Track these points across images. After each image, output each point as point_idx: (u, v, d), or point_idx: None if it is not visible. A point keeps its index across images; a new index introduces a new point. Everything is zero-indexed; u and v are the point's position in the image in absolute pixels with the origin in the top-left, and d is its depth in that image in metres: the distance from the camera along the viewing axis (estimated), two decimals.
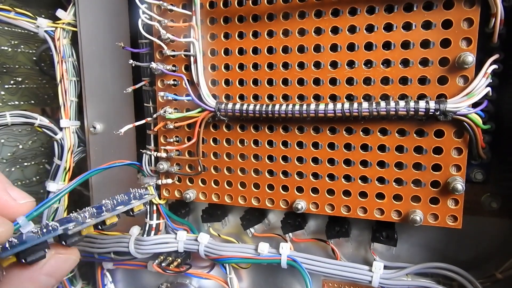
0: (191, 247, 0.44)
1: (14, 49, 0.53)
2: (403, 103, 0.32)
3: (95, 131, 0.48)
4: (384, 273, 0.38)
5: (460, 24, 0.31)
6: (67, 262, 0.31)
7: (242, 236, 0.47)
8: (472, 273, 0.36)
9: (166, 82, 0.40)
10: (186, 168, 0.42)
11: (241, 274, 0.49)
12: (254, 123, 0.38)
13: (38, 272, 0.29)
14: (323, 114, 0.34)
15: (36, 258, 0.28)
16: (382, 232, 0.39)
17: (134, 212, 0.33)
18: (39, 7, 0.54)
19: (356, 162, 0.36)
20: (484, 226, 0.38)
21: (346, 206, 0.37)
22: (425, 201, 0.34)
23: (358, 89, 0.34)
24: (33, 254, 0.28)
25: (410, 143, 0.34)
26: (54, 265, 0.30)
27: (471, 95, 0.31)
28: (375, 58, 0.33)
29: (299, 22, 0.35)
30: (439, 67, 0.32)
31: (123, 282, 0.54)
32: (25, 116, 0.46)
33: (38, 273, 0.29)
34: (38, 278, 0.29)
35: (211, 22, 0.38)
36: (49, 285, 0.30)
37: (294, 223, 0.42)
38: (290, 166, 0.38)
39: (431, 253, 0.41)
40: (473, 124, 0.32)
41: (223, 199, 0.41)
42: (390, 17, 0.33)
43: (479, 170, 0.36)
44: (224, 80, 0.39)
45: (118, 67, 0.46)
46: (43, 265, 0.29)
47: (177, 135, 0.41)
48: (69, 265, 0.32)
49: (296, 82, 0.36)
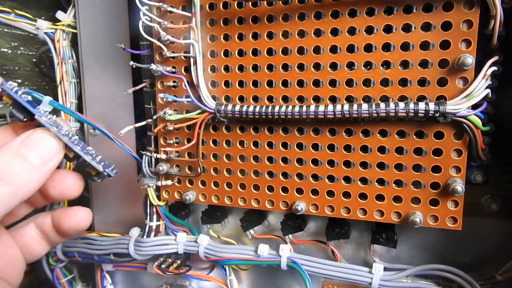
0: (191, 248, 0.44)
1: (14, 51, 0.53)
2: (403, 105, 0.32)
3: (95, 133, 0.48)
4: (384, 275, 0.38)
5: (459, 26, 0.31)
6: (44, 137, 0.32)
7: (242, 237, 0.47)
8: (472, 274, 0.36)
9: (166, 84, 0.40)
10: (186, 169, 0.42)
11: (241, 276, 0.48)
12: (254, 125, 0.38)
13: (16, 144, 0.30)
14: (323, 115, 0.34)
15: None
16: (382, 233, 0.39)
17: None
18: (39, 9, 0.54)
19: (356, 163, 0.36)
20: (484, 227, 0.38)
21: (346, 207, 0.37)
22: (425, 202, 0.34)
23: (358, 91, 0.34)
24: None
25: (409, 145, 0.34)
26: (32, 138, 0.31)
27: (471, 97, 0.31)
28: (374, 60, 0.33)
29: (299, 23, 0.35)
30: (439, 69, 0.32)
31: (122, 283, 0.54)
32: None
33: (16, 145, 0.30)
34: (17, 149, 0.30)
35: (211, 23, 0.38)
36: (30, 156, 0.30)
37: (294, 224, 0.42)
38: (289, 168, 0.38)
39: (431, 254, 0.41)
40: (473, 126, 0.32)
41: (223, 200, 0.41)
42: (389, 19, 0.33)
43: (478, 171, 0.36)
44: (224, 81, 0.39)
45: (118, 68, 0.46)
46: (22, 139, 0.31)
47: (177, 137, 0.41)
48: (48, 141, 0.32)
49: (295, 83, 0.36)
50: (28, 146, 0.31)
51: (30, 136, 0.31)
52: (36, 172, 0.30)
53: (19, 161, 0.30)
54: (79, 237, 0.48)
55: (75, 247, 0.48)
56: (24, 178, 0.29)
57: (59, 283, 0.51)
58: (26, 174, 0.30)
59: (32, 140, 0.31)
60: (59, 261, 0.50)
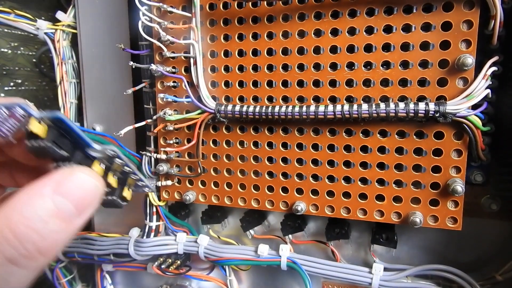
0: (190, 249, 0.44)
1: (14, 51, 0.53)
2: (403, 105, 0.32)
3: None
4: (384, 275, 0.38)
5: (459, 26, 0.31)
6: (87, 184, 0.23)
7: (242, 238, 0.47)
8: (472, 275, 0.36)
9: (166, 84, 0.40)
10: (185, 169, 0.42)
11: (241, 276, 0.48)
12: (254, 125, 0.38)
13: (50, 190, 0.22)
14: (323, 115, 0.34)
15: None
16: (382, 234, 0.39)
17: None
18: (39, 9, 0.54)
19: (356, 163, 0.36)
20: (484, 228, 0.38)
21: (346, 207, 0.37)
22: (425, 203, 0.34)
23: (358, 91, 0.34)
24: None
25: (409, 145, 0.34)
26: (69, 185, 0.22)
27: (471, 97, 0.31)
28: (374, 60, 0.33)
29: (299, 24, 0.35)
30: (439, 69, 0.32)
31: (122, 284, 0.54)
32: None
33: (50, 191, 0.21)
34: (52, 197, 0.22)
35: (211, 24, 0.38)
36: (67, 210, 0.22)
37: (294, 224, 0.42)
38: (289, 168, 0.38)
39: (431, 255, 0.41)
40: (473, 126, 0.32)
41: (223, 200, 0.41)
42: (389, 19, 0.33)
43: (478, 172, 0.36)
44: (224, 81, 0.39)
45: (118, 68, 0.46)
46: (55, 183, 0.22)
47: (177, 137, 0.41)
48: (89, 189, 0.23)
49: (296, 83, 0.36)
50: (64, 195, 0.22)
51: (69, 180, 0.23)
52: (69, 230, 0.23)
53: (54, 222, 0.22)
54: (79, 237, 0.48)
55: (75, 247, 0.48)
56: (59, 243, 0.22)
57: (59, 283, 0.51)
58: (61, 238, 0.22)
59: (70, 186, 0.23)
60: (59, 261, 0.50)
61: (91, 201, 0.24)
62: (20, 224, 0.20)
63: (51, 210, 0.21)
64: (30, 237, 0.21)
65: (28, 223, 0.20)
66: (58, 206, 0.22)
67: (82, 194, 0.23)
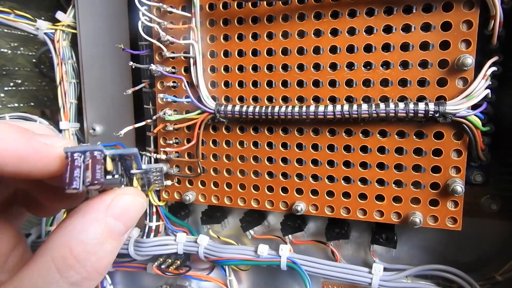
0: (190, 249, 0.44)
1: (13, 51, 0.53)
2: (403, 105, 0.32)
3: (94, 133, 0.48)
4: (384, 275, 0.38)
5: (459, 26, 0.31)
6: (134, 204, 0.25)
7: (242, 238, 0.47)
8: (472, 275, 0.36)
9: (165, 84, 0.40)
10: (185, 170, 0.42)
11: (241, 276, 0.48)
12: (254, 125, 0.38)
13: (103, 214, 0.23)
14: (323, 116, 0.34)
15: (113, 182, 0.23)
16: (381, 234, 0.39)
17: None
18: (39, 9, 0.54)
19: (356, 164, 0.36)
20: (484, 228, 0.38)
21: (346, 208, 0.37)
22: (424, 203, 0.34)
23: (358, 91, 0.34)
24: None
25: (409, 145, 0.34)
26: (122, 207, 0.24)
27: (471, 97, 0.31)
28: (374, 60, 0.33)
29: (299, 24, 0.35)
30: (439, 69, 0.32)
31: (122, 284, 0.54)
32: (25, 118, 0.46)
33: (103, 215, 0.24)
34: (105, 220, 0.23)
35: (211, 24, 0.38)
36: (117, 229, 0.24)
37: (293, 225, 0.42)
38: (289, 168, 0.38)
39: (431, 255, 0.41)
40: (473, 126, 0.32)
41: (223, 201, 0.41)
42: (389, 19, 0.33)
43: (478, 172, 0.36)
44: (224, 82, 0.39)
45: (118, 69, 0.46)
46: (108, 206, 0.24)
47: (177, 137, 0.41)
48: (137, 207, 0.25)
49: (295, 84, 0.36)
50: (116, 217, 0.24)
51: (118, 202, 0.25)
52: (119, 247, 0.25)
53: (107, 239, 0.24)
54: None
55: None
56: (111, 262, 0.24)
57: None
58: (114, 257, 0.24)
59: (121, 207, 0.25)
60: None
61: (137, 218, 0.26)
62: (80, 250, 0.22)
63: (105, 233, 0.23)
64: (89, 260, 0.22)
65: (88, 248, 0.22)
66: (111, 228, 0.23)
67: (131, 214, 0.25)
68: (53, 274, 0.21)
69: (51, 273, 0.21)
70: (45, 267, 0.21)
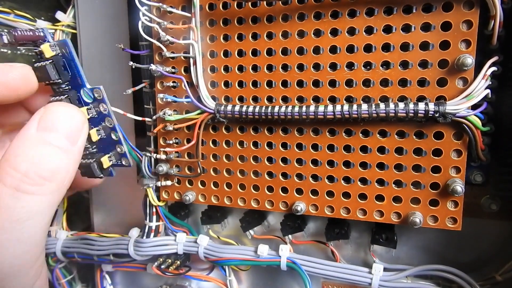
0: (190, 249, 0.44)
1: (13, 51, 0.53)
2: (403, 105, 0.32)
3: None
4: (384, 275, 0.38)
5: (459, 26, 0.31)
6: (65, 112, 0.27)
7: (242, 238, 0.47)
8: (472, 275, 0.36)
9: (165, 84, 0.40)
10: (185, 170, 0.42)
11: (241, 276, 0.48)
12: (254, 125, 0.38)
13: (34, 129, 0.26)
14: (323, 116, 0.34)
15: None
16: (381, 234, 0.39)
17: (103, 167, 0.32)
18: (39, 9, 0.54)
19: (356, 164, 0.36)
20: (484, 228, 0.38)
21: (346, 208, 0.37)
22: (424, 203, 0.34)
23: (358, 91, 0.34)
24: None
25: (409, 145, 0.34)
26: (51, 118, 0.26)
27: (471, 97, 0.31)
28: (374, 60, 0.33)
29: (299, 24, 0.35)
30: (439, 69, 0.32)
31: (122, 284, 0.54)
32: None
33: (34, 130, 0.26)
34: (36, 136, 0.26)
35: (211, 24, 0.38)
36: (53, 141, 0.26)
37: (293, 225, 0.42)
38: (289, 168, 0.38)
39: (431, 255, 0.41)
40: (473, 126, 0.32)
41: (223, 201, 0.41)
42: (389, 19, 0.33)
43: (478, 172, 0.36)
44: (224, 82, 0.39)
45: (118, 69, 0.46)
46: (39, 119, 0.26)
47: (177, 137, 0.41)
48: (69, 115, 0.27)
49: (295, 84, 0.36)
50: (48, 130, 0.26)
51: (46, 115, 0.26)
52: (68, 157, 0.26)
53: (45, 150, 0.25)
54: (79, 238, 0.48)
55: (75, 248, 0.48)
56: (60, 168, 0.25)
57: (58, 284, 0.50)
58: (60, 163, 0.25)
59: (50, 119, 0.26)
60: (58, 262, 0.50)
61: (77, 127, 0.27)
62: (17, 160, 0.24)
63: (40, 144, 0.25)
64: (28, 167, 0.24)
65: (24, 158, 0.24)
66: (45, 140, 0.25)
67: (65, 122, 0.27)
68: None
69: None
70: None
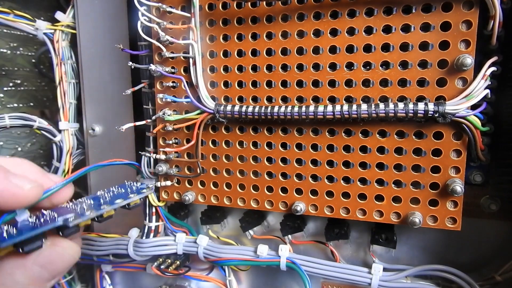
0: (190, 249, 0.44)
1: (13, 51, 0.53)
2: (402, 105, 0.32)
3: (94, 133, 0.48)
4: (384, 275, 0.38)
5: (458, 26, 0.31)
6: (63, 256, 0.29)
7: (241, 238, 0.47)
8: (471, 275, 0.36)
9: (165, 84, 0.40)
10: (185, 170, 0.42)
11: (240, 276, 0.48)
12: (253, 125, 0.38)
13: (31, 262, 0.28)
14: (322, 116, 0.34)
15: (33, 247, 0.27)
16: (381, 234, 0.39)
17: (131, 206, 0.33)
18: (38, 9, 0.54)
19: (355, 164, 0.36)
20: (484, 228, 0.38)
21: (345, 208, 0.37)
22: (424, 203, 0.34)
23: (357, 91, 0.34)
24: (30, 244, 0.27)
25: (409, 145, 0.34)
26: (49, 257, 0.29)
27: (470, 97, 0.31)
28: (374, 60, 0.33)
29: (298, 24, 0.35)
30: (438, 69, 0.32)
31: (122, 284, 0.54)
32: (24, 119, 0.46)
33: (31, 262, 0.28)
34: (31, 268, 0.28)
35: (210, 24, 0.38)
36: (42, 277, 0.28)
37: (293, 225, 0.42)
38: (289, 168, 0.38)
39: (431, 255, 0.41)
40: (472, 126, 0.32)
41: (222, 201, 0.41)
42: (388, 19, 0.33)
43: (478, 172, 0.36)
44: (223, 82, 0.39)
45: (117, 69, 0.46)
46: (37, 255, 0.28)
47: (176, 137, 0.41)
48: (66, 260, 0.30)
49: (295, 84, 0.36)
50: (42, 266, 0.28)
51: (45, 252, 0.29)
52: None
53: (29, 284, 0.28)
54: None
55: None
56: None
57: (58, 284, 0.50)
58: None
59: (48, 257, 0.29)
60: None
61: (63, 268, 0.30)
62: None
63: (28, 278, 0.27)
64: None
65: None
66: (34, 275, 0.28)
67: (57, 264, 0.29)
68: None
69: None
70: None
